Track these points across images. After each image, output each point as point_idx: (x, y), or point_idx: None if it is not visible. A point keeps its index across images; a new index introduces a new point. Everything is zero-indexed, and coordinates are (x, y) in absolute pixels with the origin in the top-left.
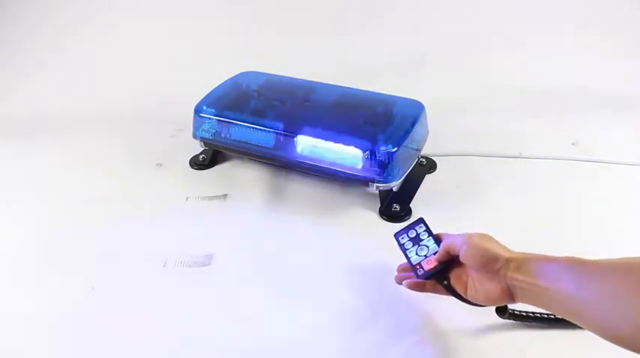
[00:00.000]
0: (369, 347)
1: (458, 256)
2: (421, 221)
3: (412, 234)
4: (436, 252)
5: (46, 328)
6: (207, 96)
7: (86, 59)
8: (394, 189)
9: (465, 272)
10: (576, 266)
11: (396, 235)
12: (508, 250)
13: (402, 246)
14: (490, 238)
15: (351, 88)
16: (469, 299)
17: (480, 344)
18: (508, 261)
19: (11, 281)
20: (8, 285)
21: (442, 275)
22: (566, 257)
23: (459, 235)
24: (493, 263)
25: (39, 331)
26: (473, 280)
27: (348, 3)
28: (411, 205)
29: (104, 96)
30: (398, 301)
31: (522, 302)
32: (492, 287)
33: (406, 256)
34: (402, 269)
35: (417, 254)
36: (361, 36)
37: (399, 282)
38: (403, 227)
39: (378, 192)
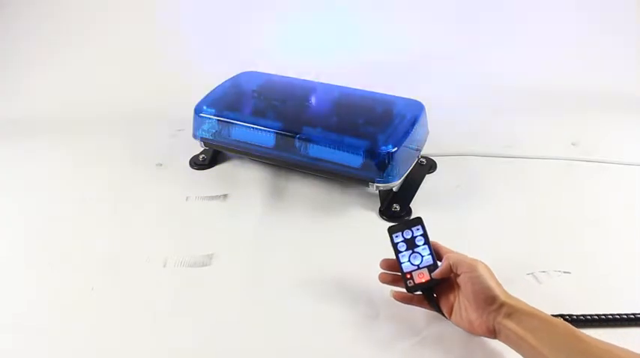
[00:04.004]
0: (369, 347)
1: (453, 275)
2: (420, 222)
3: (408, 235)
4: (429, 265)
5: (46, 328)
6: (207, 96)
7: (86, 59)
8: (394, 189)
9: (455, 294)
10: (573, 341)
11: (391, 232)
12: (503, 292)
13: (395, 245)
14: (491, 273)
15: (351, 88)
16: (452, 321)
17: (480, 344)
18: (502, 305)
19: (11, 280)
20: (8, 285)
21: (432, 291)
22: (562, 321)
23: (464, 257)
24: (489, 303)
25: (39, 331)
26: (460, 306)
27: (348, 3)
28: (411, 205)
29: (104, 96)
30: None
31: (504, 343)
32: (478, 322)
33: (397, 259)
34: (386, 266)
35: (409, 261)
36: (361, 36)
37: (383, 282)
38: (400, 223)
39: (378, 192)
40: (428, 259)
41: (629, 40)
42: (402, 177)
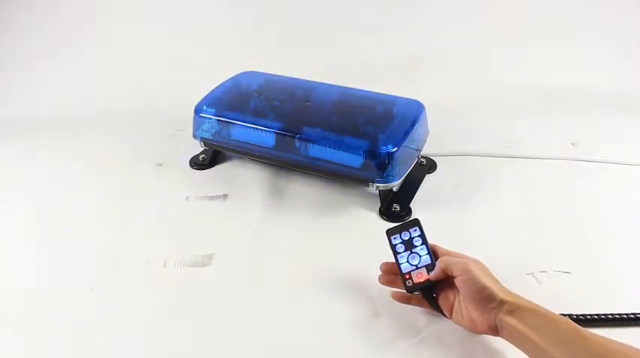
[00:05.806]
0: (369, 347)
1: (451, 276)
2: (417, 224)
3: (405, 236)
4: (427, 265)
5: (45, 328)
6: (207, 96)
7: (86, 59)
8: (394, 189)
9: (454, 293)
10: (576, 337)
11: (389, 234)
12: (502, 288)
13: (393, 247)
14: (486, 271)
15: (351, 88)
16: (453, 321)
17: (480, 343)
18: (502, 302)
19: (11, 280)
20: (8, 285)
21: (431, 290)
22: (564, 318)
23: (457, 258)
24: (488, 302)
25: (39, 331)
26: (460, 305)
27: (348, 3)
28: (411, 205)
29: (104, 96)
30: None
31: (506, 340)
32: (479, 320)
33: (396, 260)
34: (386, 269)
35: (408, 262)
36: (361, 36)
37: (383, 284)
38: (397, 225)
39: (378, 192)
40: (426, 259)
41: (629, 40)
42: (402, 177)
